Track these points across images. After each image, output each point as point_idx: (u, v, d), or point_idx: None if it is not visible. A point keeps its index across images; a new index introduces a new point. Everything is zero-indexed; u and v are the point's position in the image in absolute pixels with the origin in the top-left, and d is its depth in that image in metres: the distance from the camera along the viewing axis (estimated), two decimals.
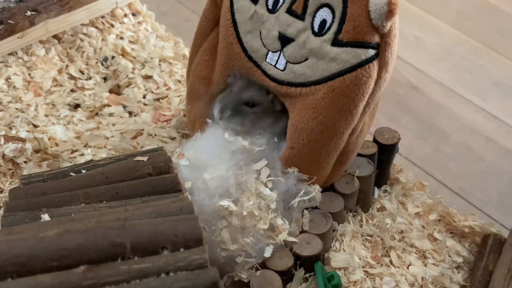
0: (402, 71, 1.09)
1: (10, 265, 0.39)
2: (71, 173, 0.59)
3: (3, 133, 0.74)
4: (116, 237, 0.41)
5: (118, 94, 0.89)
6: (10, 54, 0.88)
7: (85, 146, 0.77)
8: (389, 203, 0.75)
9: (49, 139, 0.76)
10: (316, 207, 0.66)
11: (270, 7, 0.62)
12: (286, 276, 0.61)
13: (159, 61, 0.94)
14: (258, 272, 0.60)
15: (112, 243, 0.41)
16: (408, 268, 0.69)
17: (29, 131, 0.77)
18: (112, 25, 0.97)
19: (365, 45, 0.58)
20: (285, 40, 0.61)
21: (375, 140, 0.74)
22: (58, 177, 0.58)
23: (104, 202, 0.51)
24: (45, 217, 0.47)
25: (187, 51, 0.96)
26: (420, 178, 0.85)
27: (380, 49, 0.59)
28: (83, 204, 0.51)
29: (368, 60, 0.58)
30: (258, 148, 0.62)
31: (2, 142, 0.73)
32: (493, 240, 0.72)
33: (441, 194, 0.83)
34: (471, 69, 1.11)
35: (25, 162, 0.73)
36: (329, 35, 0.59)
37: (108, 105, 0.85)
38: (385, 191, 0.78)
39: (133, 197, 0.52)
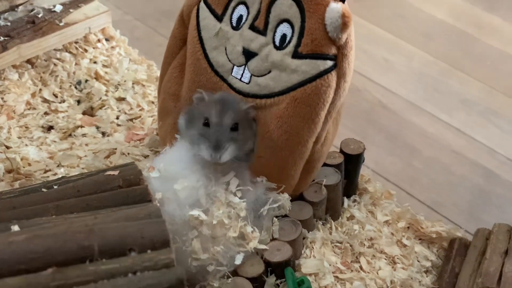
0: (373, 92, 1.12)
1: None
2: (43, 189, 0.59)
3: None
4: (84, 240, 0.42)
5: (92, 115, 0.90)
6: None
7: (58, 165, 0.78)
8: (358, 212, 0.77)
9: (21, 159, 0.77)
10: (285, 216, 0.67)
11: (234, 24, 0.65)
12: (258, 283, 0.62)
13: (133, 83, 0.96)
14: (230, 279, 0.60)
15: (80, 246, 0.42)
16: (377, 273, 0.70)
17: (1, 152, 0.77)
18: (86, 50, 0.99)
19: (323, 57, 0.61)
20: (249, 54, 0.64)
21: (341, 151, 0.77)
22: (29, 193, 0.59)
23: (75, 213, 0.52)
24: (15, 228, 0.47)
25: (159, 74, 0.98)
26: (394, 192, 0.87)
27: (338, 60, 0.62)
28: (53, 216, 0.51)
29: (327, 71, 0.61)
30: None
31: None
32: (459, 243, 0.75)
33: (413, 207, 0.84)
34: (439, 88, 1.15)
35: None
36: (290, 48, 0.62)
37: (82, 126, 0.86)
38: (354, 200, 0.80)
39: (104, 208, 0.53)
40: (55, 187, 0.60)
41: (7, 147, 0.79)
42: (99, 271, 0.41)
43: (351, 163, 0.76)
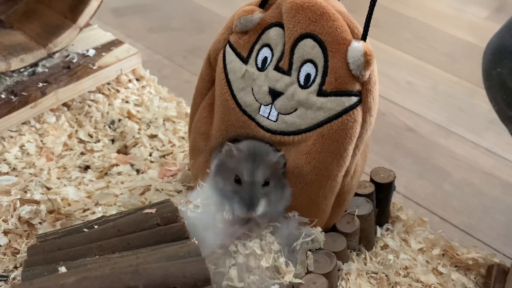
0: (398, 115, 1.13)
1: None
2: (84, 229, 0.62)
3: (18, 196, 0.79)
4: (130, 281, 0.44)
5: (126, 154, 0.93)
6: (23, 123, 0.94)
7: (96, 204, 0.81)
8: (392, 241, 0.77)
9: (61, 199, 0.80)
10: (320, 248, 0.68)
11: (259, 66, 0.68)
12: None
13: (163, 120, 0.99)
14: None
15: (126, 286, 0.44)
16: None
17: (42, 194, 0.81)
18: (118, 91, 1.04)
19: (348, 94, 0.63)
20: (275, 94, 0.66)
21: (372, 180, 0.77)
22: (72, 233, 0.62)
23: (117, 253, 0.54)
24: (62, 269, 0.50)
25: (189, 110, 1.00)
26: (425, 217, 0.86)
27: (362, 96, 0.64)
28: (97, 256, 0.54)
29: (352, 107, 0.63)
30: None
31: (18, 205, 0.77)
32: (497, 270, 0.74)
33: (447, 232, 0.83)
34: (464, 108, 1.14)
35: (39, 223, 0.77)
36: (314, 87, 0.64)
37: (117, 165, 0.90)
38: (387, 229, 0.80)
39: (144, 247, 0.55)
40: (96, 227, 0.63)
41: (48, 188, 0.83)
42: None
43: (382, 192, 0.77)
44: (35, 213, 0.76)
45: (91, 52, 1.03)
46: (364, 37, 0.63)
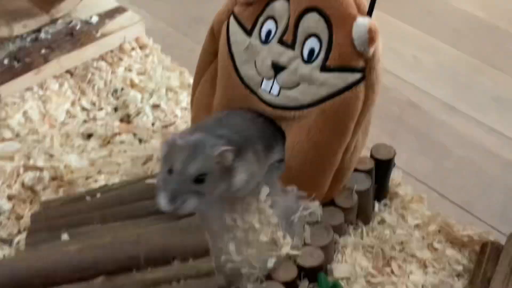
0: (403, 91, 1.11)
1: (37, 277, 0.44)
2: (87, 197, 0.63)
3: (22, 163, 0.80)
4: (131, 250, 0.46)
5: (128, 123, 0.94)
6: (26, 89, 0.94)
7: (98, 172, 0.82)
8: (389, 216, 0.78)
9: (64, 167, 0.81)
10: (317, 222, 0.69)
11: (263, 39, 0.67)
12: (291, 287, 0.64)
13: (166, 90, 0.99)
14: (264, 283, 0.63)
15: (127, 255, 0.46)
16: (409, 277, 0.71)
17: (45, 160, 0.82)
18: (121, 59, 1.03)
19: (351, 70, 0.62)
20: (278, 68, 0.66)
21: (372, 156, 0.78)
22: (75, 201, 0.63)
23: (119, 222, 0.56)
24: (65, 236, 0.51)
25: (191, 80, 1.00)
26: (423, 193, 0.87)
27: (366, 73, 0.63)
28: (99, 224, 0.55)
29: (355, 83, 0.63)
30: None
31: (22, 171, 0.78)
32: (491, 248, 0.75)
33: (445, 208, 0.84)
34: (469, 85, 1.13)
35: (43, 189, 0.78)
36: (318, 62, 0.64)
37: (119, 134, 0.90)
38: (385, 204, 0.81)
39: (146, 216, 0.56)
40: (99, 195, 0.64)
41: (51, 156, 0.84)
42: (146, 279, 0.44)
43: (382, 168, 0.77)
44: (38, 179, 0.77)
45: (94, 19, 1.02)
46: (370, 13, 0.62)
